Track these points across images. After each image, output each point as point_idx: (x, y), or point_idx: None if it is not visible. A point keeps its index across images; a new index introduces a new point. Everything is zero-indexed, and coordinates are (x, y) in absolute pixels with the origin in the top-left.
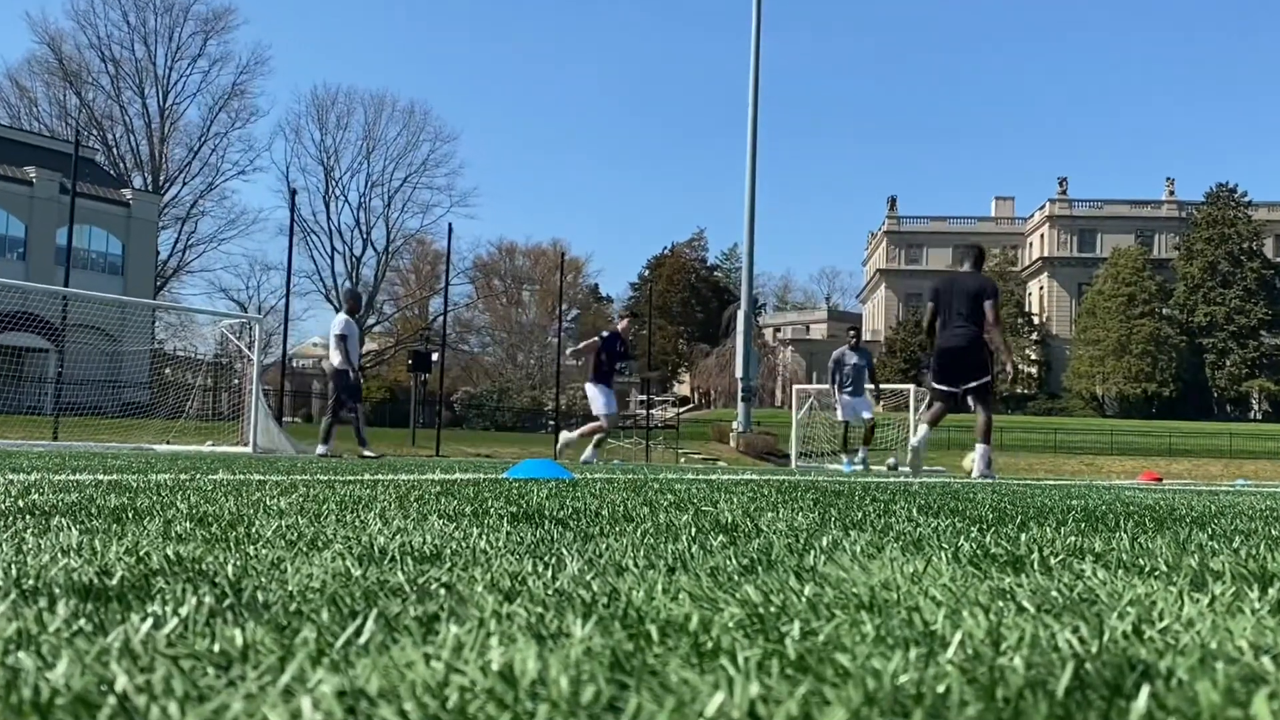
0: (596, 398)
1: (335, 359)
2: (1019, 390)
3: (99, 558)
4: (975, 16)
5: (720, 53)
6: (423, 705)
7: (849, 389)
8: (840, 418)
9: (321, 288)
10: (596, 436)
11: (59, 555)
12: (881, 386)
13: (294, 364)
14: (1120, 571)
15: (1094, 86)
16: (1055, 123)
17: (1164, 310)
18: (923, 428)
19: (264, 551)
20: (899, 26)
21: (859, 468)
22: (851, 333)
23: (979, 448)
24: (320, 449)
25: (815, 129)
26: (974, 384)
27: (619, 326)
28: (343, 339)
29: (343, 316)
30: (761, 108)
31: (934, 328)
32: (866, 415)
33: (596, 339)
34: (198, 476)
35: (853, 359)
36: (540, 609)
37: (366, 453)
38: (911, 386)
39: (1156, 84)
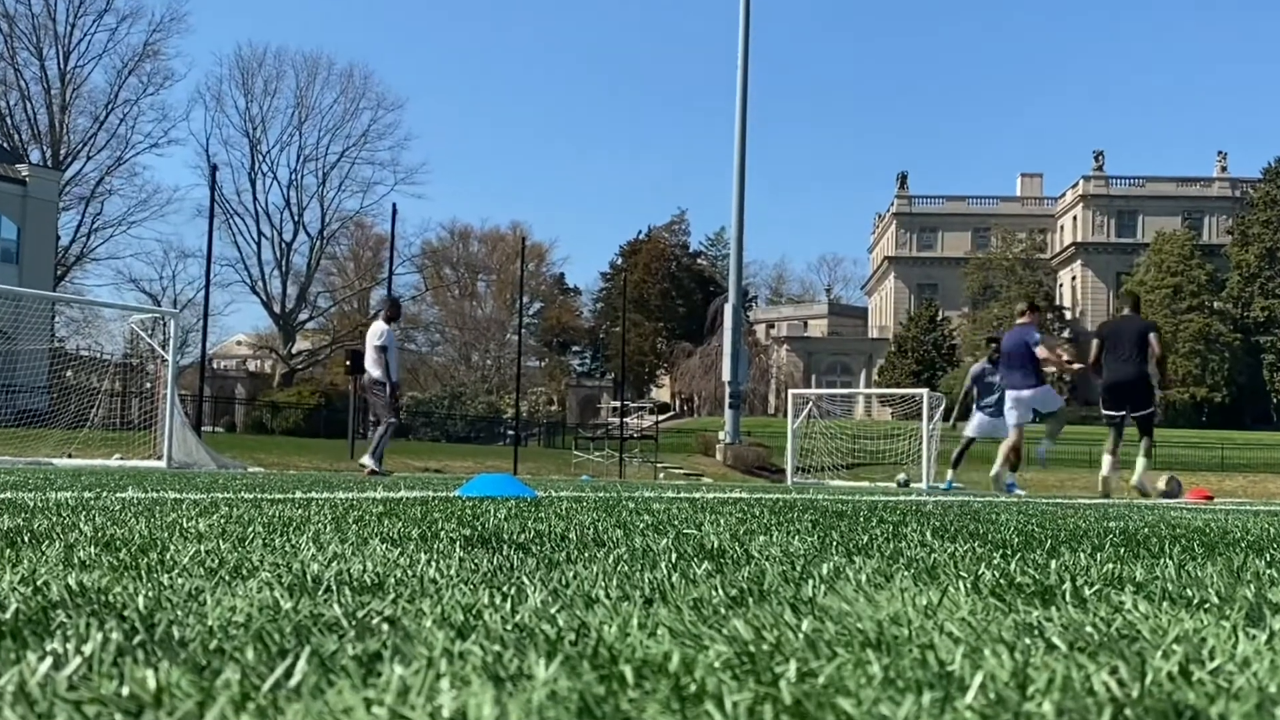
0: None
1: (376, 372)
2: None
3: None
4: None
5: (705, 9)
6: None
7: (990, 409)
8: (966, 433)
9: (246, 277)
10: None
11: None
12: (892, 392)
13: (215, 365)
14: (1165, 604)
15: (1134, 46)
16: (1090, 88)
17: (1215, 304)
18: (1107, 458)
19: (180, 581)
20: None
21: (1010, 490)
22: (993, 346)
23: (1140, 461)
24: (368, 461)
25: (814, 97)
26: (1139, 413)
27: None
28: (384, 350)
29: (383, 325)
30: (752, 72)
31: (1100, 362)
32: (1004, 433)
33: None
34: (104, 495)
35: (995, 376)
36: (498, 646)
37: (375, 468)
38: (924, 391)
39: (1206, 43)
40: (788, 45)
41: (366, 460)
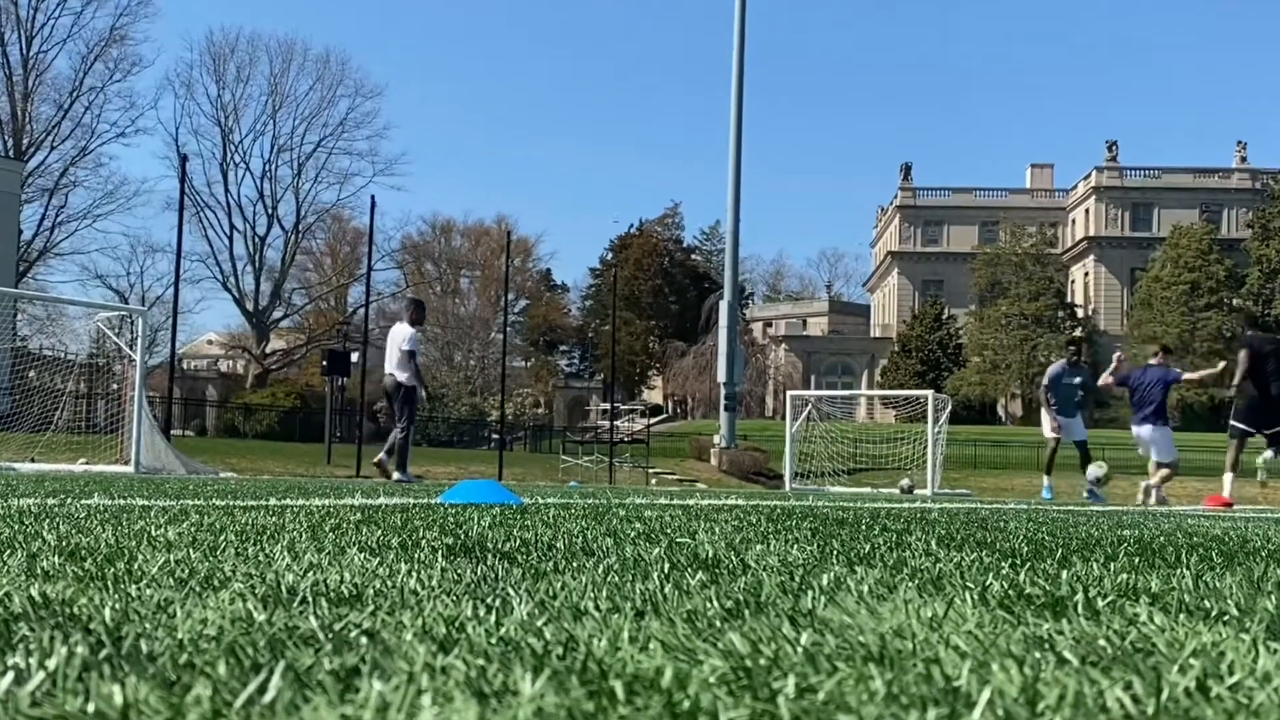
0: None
1: (402, 376)
2: None
3: None
4: None
5: None
6: None
7: (1068, 412)
8: (1048, 434)
9: (218, 274)
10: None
11: None
12: (895, 393)
13: (185, 366)
14: (1182, 616)
15: (1149, 31)
16: (1103, 75)
17: (1235, 301)
18: (1230, 475)
19: (148, 592)
20: None
21: (1090, 496)
22: (1071, 349)
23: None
24: (398, 475)
25: (814, 83)
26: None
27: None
28: (412, 355)
29: (408, 329)
30: (749, 56)
31: (1248, 379)
32: (1079, 437)
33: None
34: (69, 501)
35: (1073, 378)
36: (482, 661)
37: (403, 476)
38: (929, 393)
39: (1225, 27)
40: (786, 28)
41: (396, 475)
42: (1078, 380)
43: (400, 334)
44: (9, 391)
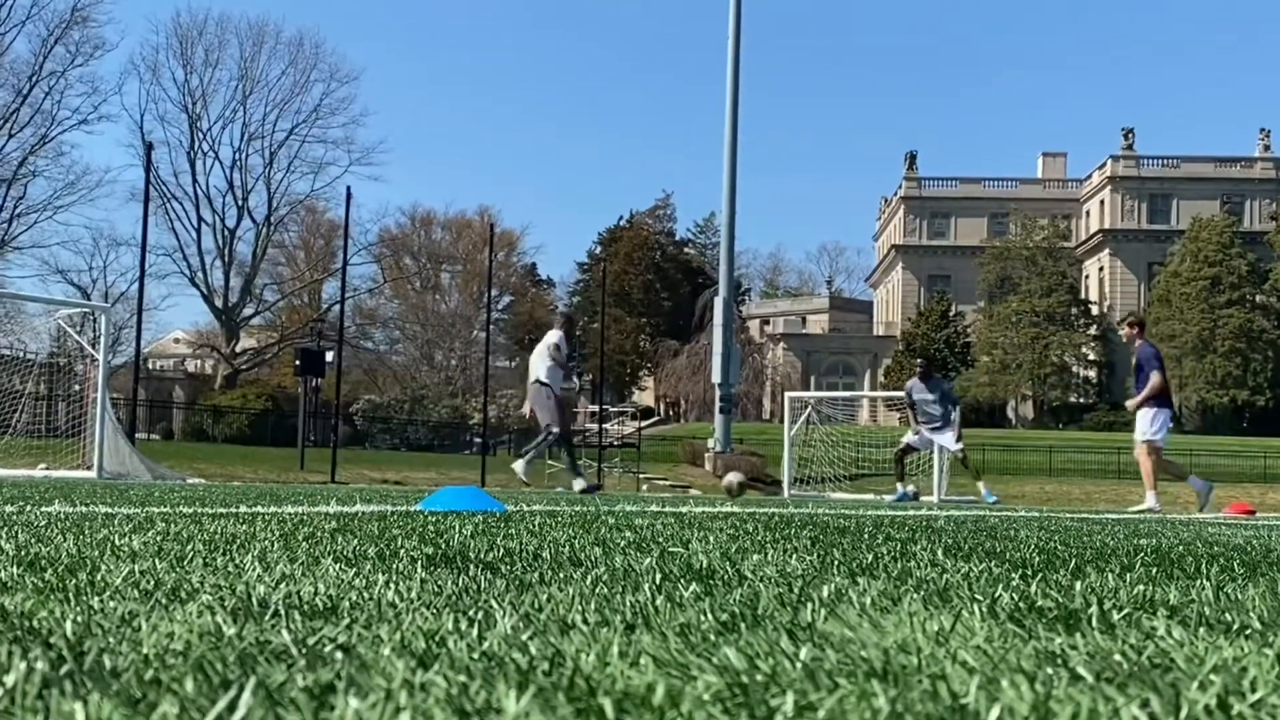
0: None
1: (549, 379)
2: (1072, 399)
3: None
4: None
5: None
6: None
7: (925, 423)
8: (907, 441)
9: (185, 268)
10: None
11: None
12: (892, 394)
13: (150, 365)
14: (1202, 630)
15: (1167, 13)
16: (1118, 59)
17: (1258, 297)
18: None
19: (112, 604)
20: None
21: (987, 498)
22: (920, 362)
23: None
24: (579, 484)
25: (815, 67)
26: None
27: None
28: (558, 354)
29: (558, 332)
30: (746, 38)
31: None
32: (954, 447)
33: None
34: (28, 508)
35: (926, 393)
36: (463, 677)
37: (579, 485)
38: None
39: (1247, 9)
40: (785, 7)
41: (579, 485)
42: (932, 396)
43: (546, 340)
44: None
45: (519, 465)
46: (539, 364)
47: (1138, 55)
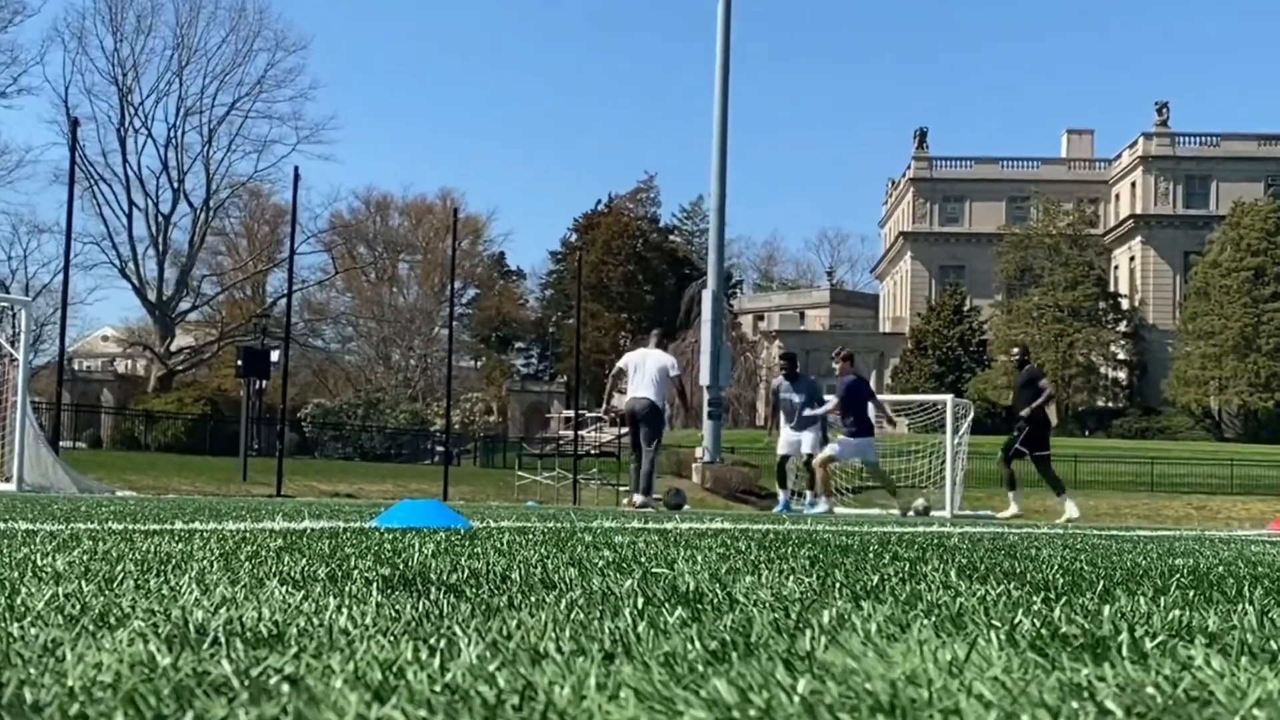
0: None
1: (659, 399)
2: (1100, 403)
3: None
4: None
5: None
6: None
7: (790, 423)
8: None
9: (115, 258)
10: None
11: None
12: (908, 398)
13: (76, 366)
14: (1244, 659)
15: None
16: (1151, 26)
17: None
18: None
19: (34, 631)
20: None
21: (816, 509)
22: (782, 362)
23: None
24: (640, 499)
25: (814, 34)
26: None
27: None
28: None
29: (670, 357)
30: (737, 5)
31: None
32: (805, 450)
33: None
34: None
35: (787, 394)
36: (424, 712)
37: (639, 499)
38: (948, 398)
39: None
40: None
41: (639, 499)
42: (797, 398)
43: (664, 360)
44: None
45: (639, 498)
46: (655, 393)
47: (1173, 19)
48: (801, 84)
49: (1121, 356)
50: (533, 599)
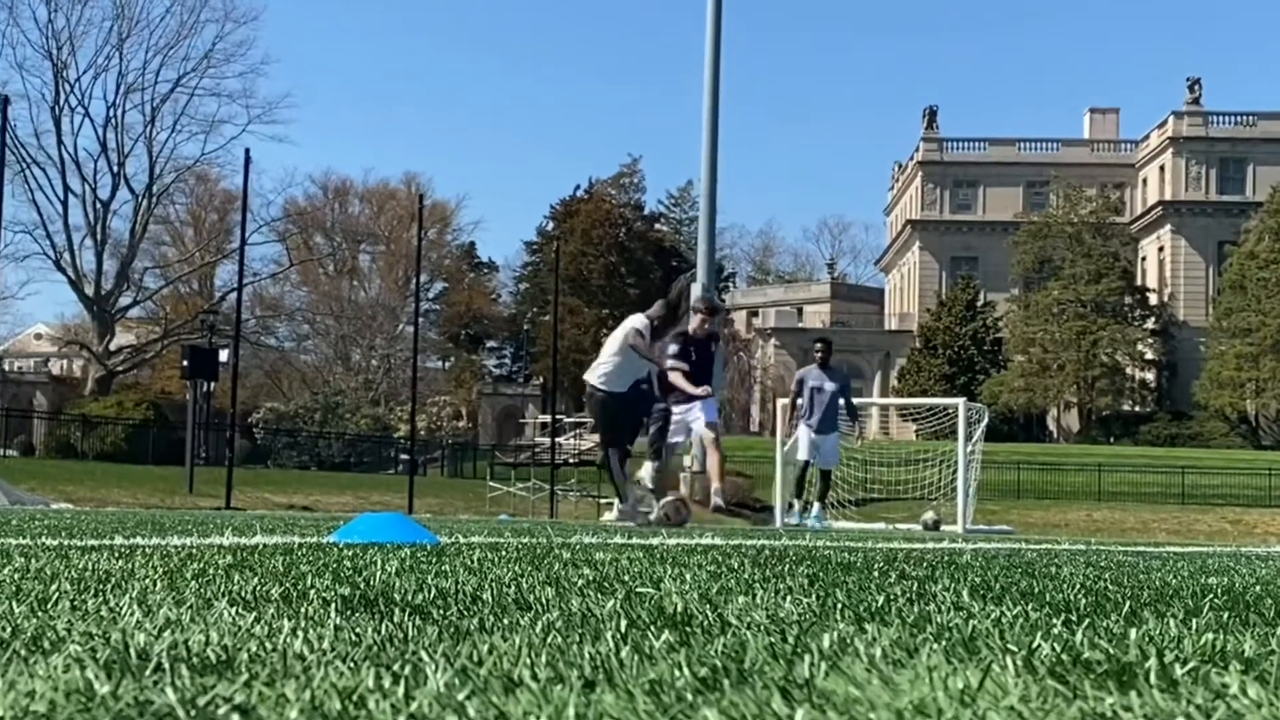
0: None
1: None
2: (1126, 407)
3: None
4: None
5: None
6: None
7: (811, 421)
8: (799, 456)
9: (49, 248)
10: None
11: None
12: (916, 402)
13: (6, 367)
14: None
15: None
16: None
17: None
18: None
19: None
20: None
21: (811, 524)
22: (819, 345)
23: None
24: (615, 510)
25: (814, 5)
26: None
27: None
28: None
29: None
30: None
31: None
32: (830, 461)
33: None
34: None
35: (818, 382)
36: None
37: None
38: (960, 401)
39: None
40: None
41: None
42: (830, 386)
43: (623, 327)
44: None
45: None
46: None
47: None
48: (800, 57)
49: (1149, 356)
50: (506, 621)
